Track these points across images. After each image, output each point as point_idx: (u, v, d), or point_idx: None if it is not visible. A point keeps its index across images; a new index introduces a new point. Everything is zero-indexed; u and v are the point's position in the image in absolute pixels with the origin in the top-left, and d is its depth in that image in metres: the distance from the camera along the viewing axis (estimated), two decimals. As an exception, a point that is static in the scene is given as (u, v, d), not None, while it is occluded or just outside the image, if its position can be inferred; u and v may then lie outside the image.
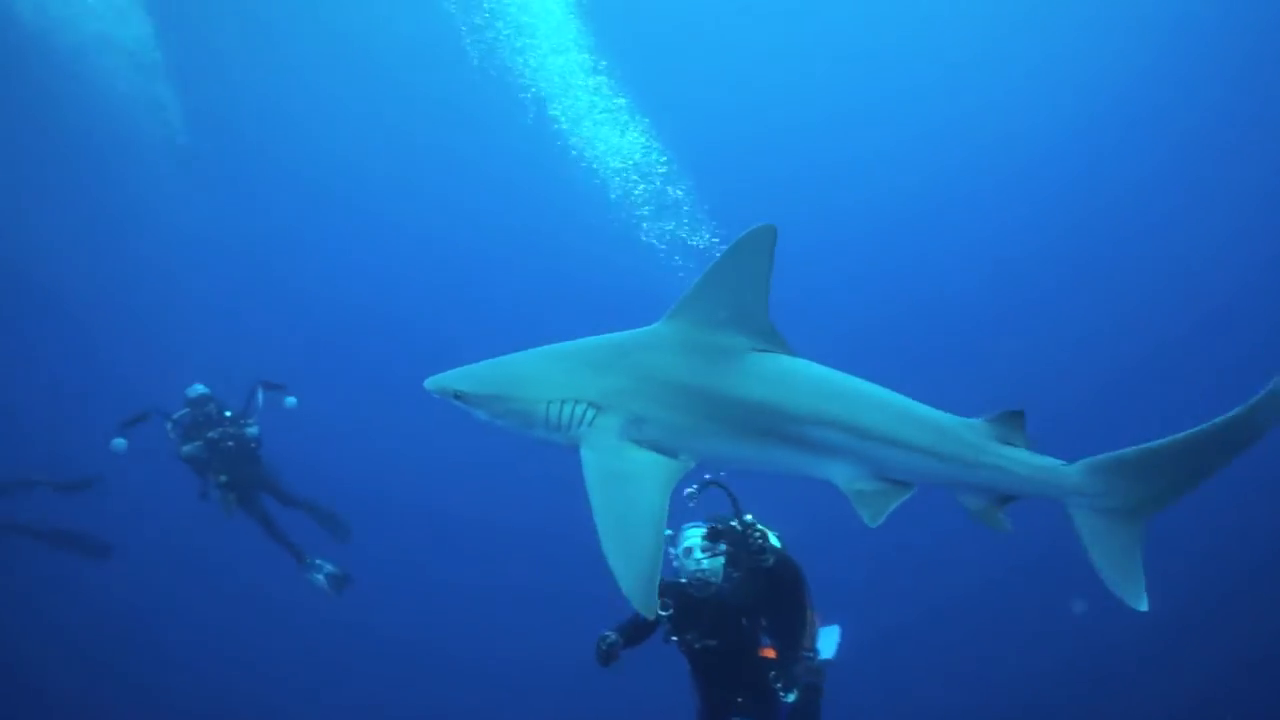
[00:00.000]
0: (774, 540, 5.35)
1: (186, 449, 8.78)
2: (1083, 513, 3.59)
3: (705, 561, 5.21)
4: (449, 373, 3.82)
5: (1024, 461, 3.61)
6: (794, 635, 5.34)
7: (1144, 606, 3.47)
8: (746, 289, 3.67)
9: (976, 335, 18.67)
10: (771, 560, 5.21)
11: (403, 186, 22.50)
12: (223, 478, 8.76)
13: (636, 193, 10.80)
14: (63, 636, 13.38)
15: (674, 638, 5.32)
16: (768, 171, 21.19)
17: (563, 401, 3.57)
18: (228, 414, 8.98)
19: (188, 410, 8.91)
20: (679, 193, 10.75)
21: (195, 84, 18.95)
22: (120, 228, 18.95)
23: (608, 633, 5.34)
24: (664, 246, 10.63)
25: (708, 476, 5.01)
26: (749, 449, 3.69)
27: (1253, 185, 19.31)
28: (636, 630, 5.39)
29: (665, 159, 10.94)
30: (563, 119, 11.64)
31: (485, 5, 12.28)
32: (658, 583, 3.31)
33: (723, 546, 5.22)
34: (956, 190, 21.54)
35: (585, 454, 3.49)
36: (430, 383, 3.81)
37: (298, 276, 21.12)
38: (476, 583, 15.01)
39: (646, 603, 3.24)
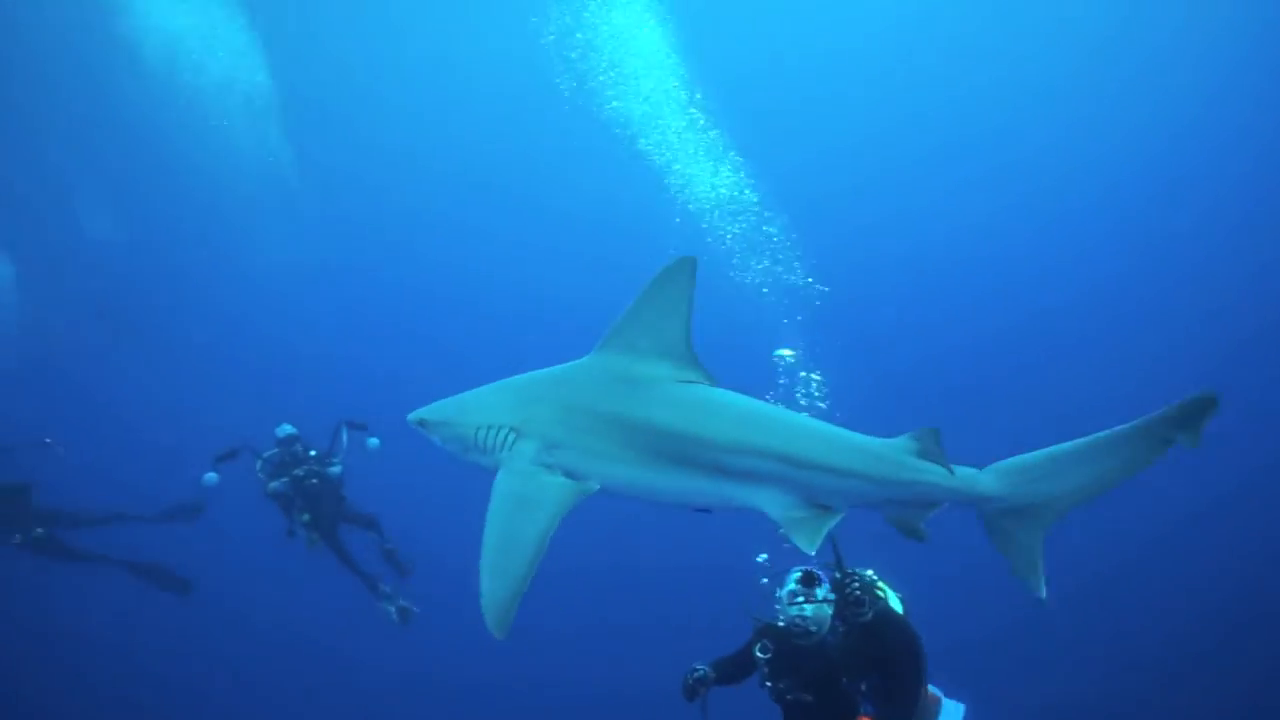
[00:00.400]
0: (893, 599, 4.87)
1: (273, 485, 8.91)
2: (993, 514, 3.81)
3: (807, 608, 4.86)
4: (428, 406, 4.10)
5: (945, 474, 3.76)
6: (898, 709, 4.78)
7: (1044, 594, 3.71)
8: (668, 320, 3.80)
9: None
10: (869, 615, 4.70)
11: (497, 224, 22.78)
12: (306, 516, 8.81)
13: (730, 232, 10.50)
14: (139, 664, 13.65)
15: (768, 684, 4.96)
16: (860, 209, 20.85)
17: (489, 427, 3.77)
18: (313, 453, 9.09)
19: (276, 449, 9.07)
20: (772, 230, 10.41)
21: (304, 127, 19.65)
22: (230, 264, 19.64)
23: (700, 666, 5.11)
24: (760, 286, 10.31)
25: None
26: (663, 477, 3.69)
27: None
28: (733, 668, 5.14)
29: (757, 196, 10.63)
30: (654, 152, 11.44)
31: (579, 37, 12.25)
32: (517, 606, 3.31)
33: (820, 594, 4.87)
34: (1057, 231, 20.67)
35: (498, 475, 3.68)
36: (410, 415, 4.12)
37: (392, 316, 21.44)
38: (545, 623, 14.71)
39: (499, 623, 3.29)
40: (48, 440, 10.44)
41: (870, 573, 4.92)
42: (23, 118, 19.72)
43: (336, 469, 9.03)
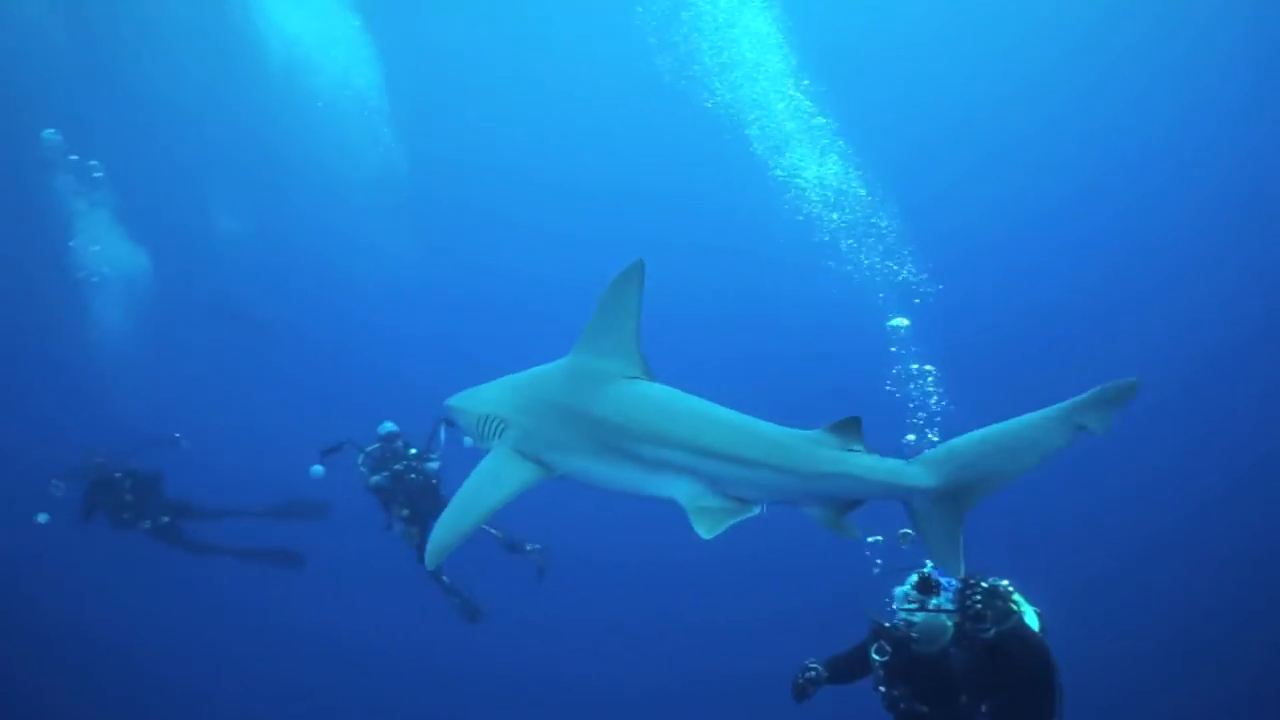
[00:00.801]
0: (1029, 615, 4.48)
1: (374, 479, 9.08)
2: (920, 504, 3.67)
3: (917, 616, 4.46)
4: None
5: (870, 466, 3.66)
6: (1019, 736, 4.40)
7: (962, 573, 3.79)
8: (621, 321, 4.08)
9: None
10: (991, 633, 4.34)
11: (603, 218, 22.73)
12: (405, 511, 8.92)
13: (834, 219, 10.07)
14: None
15: (882, 688, 4.71)
16: (969, 200, 20.01)
17: (488, 417, 4.28)
18: (413, 451, 9.22)
19: (378, 445, 9.23)
20: (883, 222, 9.93)
21: (416, 128, 20.04)
22: (344, 263, 20.19)
23: (813, 663, 4.97)
24: (869, 277, 9.89)
25: None
26: (602, 466, 3.98)
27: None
28: (846, 667, 4.97)
29: (866, 187, 10.16)
30: (758, 141, 11.06)
31: (684, 16, 11.96)
32: (450, 549, 3.84)
33: (935, 603, 4.44)
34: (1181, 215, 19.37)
35: (488, 455, 4.19)
36: (447, 400, 4.67)
37: (499, 314, 21.61)
38: (634, 619, 14.51)
39: (434, 559, 3.86)
40: (177, 435, 10.98)
41: (1005, 583, 4.58)
42: (158, 115, 20.69)
43: (435, 464, 9.16)
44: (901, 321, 8.11)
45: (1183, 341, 16.97)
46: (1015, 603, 4.51)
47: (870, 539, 5.26)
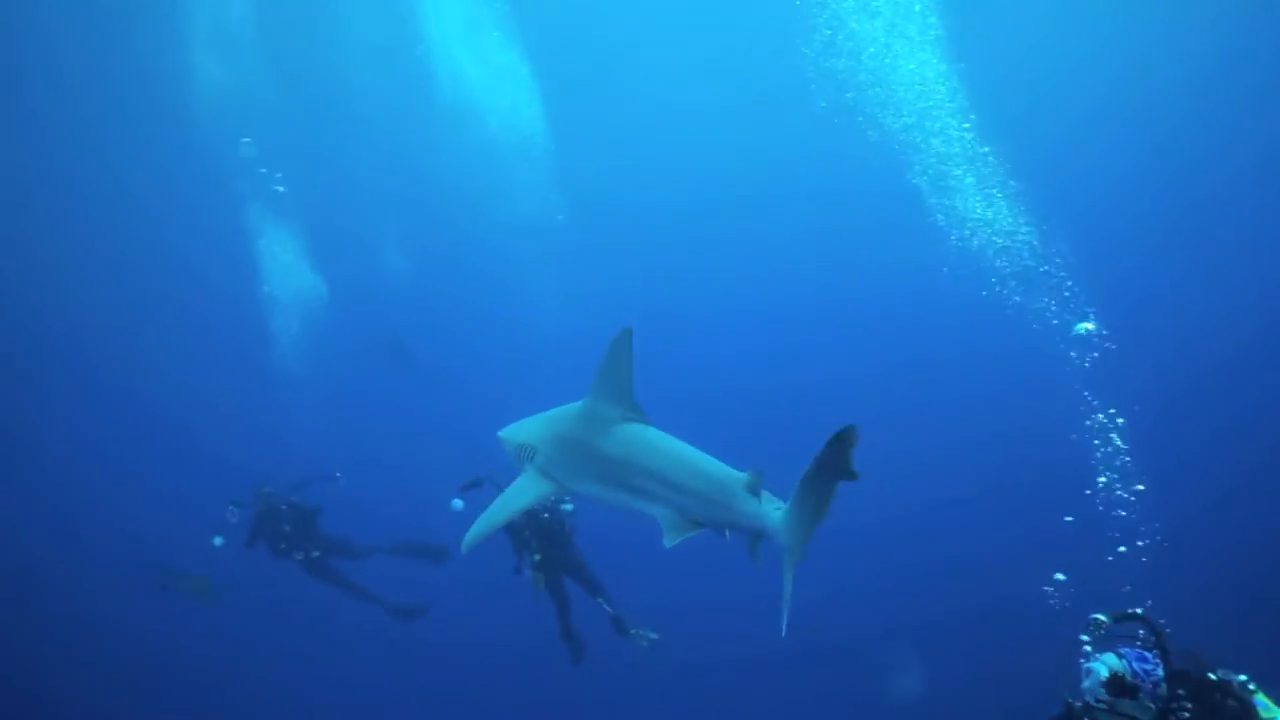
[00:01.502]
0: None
1: None
2: (774, 539, 4.48)
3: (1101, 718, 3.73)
4: None
5: (746, 510, 4.59)
6: None
7: (784, 631, 4.25)
8: (618, 376, 5.11)
9: None
10: None
11: (754, 249, 22.38)
12: (537, 557, 8.70)
13: (1002, 269, 9.35)
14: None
15: None
16: (1143, 242, 18.67)
17: (524, 444, 5.49)
18: None
19: None
20: (1051, 268, 9.14)
21: (574, 169, 20.39)
22: (501, 302, 20.64)
23: None
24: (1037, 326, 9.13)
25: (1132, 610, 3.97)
26: (602, 489, 5.15)
27: None
28: None
29: (1031, 230, 9.39)
30: (919, 176, 10.47)
31: (841, 39, 11.55)
32: (483, 539, 5.09)
33: (1128, 708, 3.70)
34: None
35: (520, 475, 5.42)
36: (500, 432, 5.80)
37: (651, 363, 21.40)
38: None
39: (468, 545, 5.09)
40: (338, 475, 11.26)
41: (1242, 679, 3.73)
42: (340, 141, 21.82)
43: (569, 505, 8.91)
44: (1087, 326, 7.68)
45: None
46: (1255, 705, 3.63)
47: (1057, 576, 5.84)
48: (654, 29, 23.05)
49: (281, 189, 17.49)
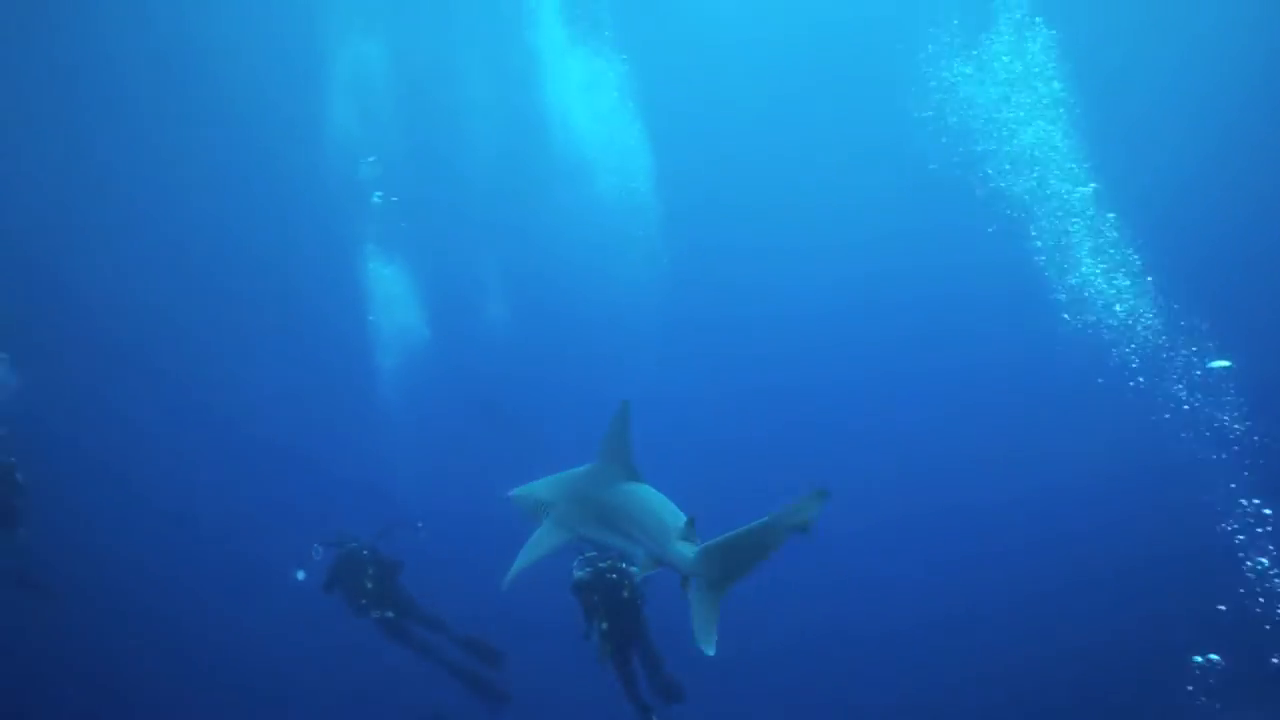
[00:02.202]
0: None
1: (578, 575, 8.42)
2: (695, 583, 5.22)
3: None
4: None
5: (671, 551, 5.48)
6: None
7: (712, 652, 5.01)
8: (620, 443, 6.33)
9: None
10: None
11: (865, 326, 21.76)
12: (604, 625, 8.25)
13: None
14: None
15: None
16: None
17: (540, 501, 6.65)
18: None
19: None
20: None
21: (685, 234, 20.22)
22: (605, 321, 20.55)
23: None
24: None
25: None
26: (604, 534, 6.33)
27: None
28: None
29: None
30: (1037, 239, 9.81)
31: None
32: (518, 581, 6.10)
33: None
34: None
35: (540, 527, 6.44)
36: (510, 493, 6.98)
37: (756, 435, 20.79)
38: None
39: (508, 585, 6.05)
40: (420, 524, 10.95)
41: None
42: (458, 188, 22.26)
43: (637, 570, 8.42)
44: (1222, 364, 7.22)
45: None
46: None
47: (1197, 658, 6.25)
48: (774, 91, 22.89)
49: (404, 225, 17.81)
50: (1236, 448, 8.37)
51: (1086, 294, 9.35)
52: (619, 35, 18.85)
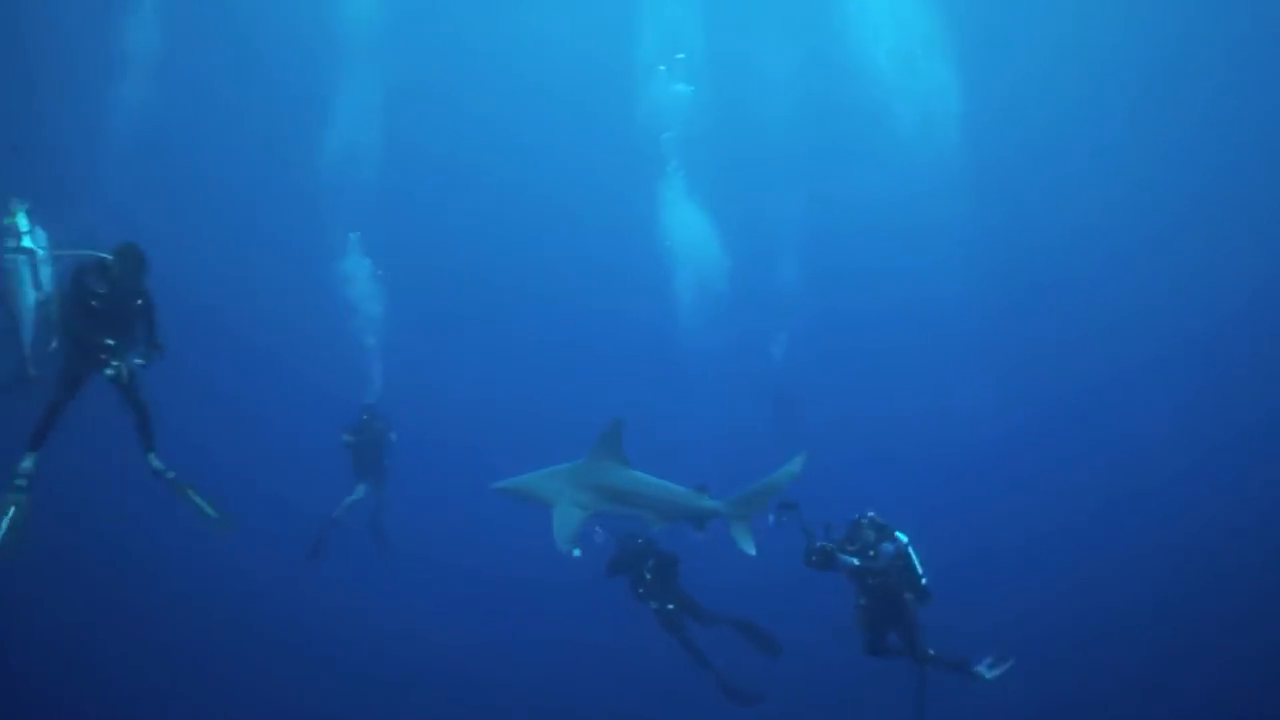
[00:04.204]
0: None
1: (849, 561, 8.24)
2: (729, 522, 9.20)
3: None
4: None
5: (707, 504, 9.22)
6: None
7: (753, 552, 9.04)
8: (613, 445, 9.32)
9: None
10: None
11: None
12: (862, 600, 8.08)
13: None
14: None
15: None
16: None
17: (551, 487, 9.17)
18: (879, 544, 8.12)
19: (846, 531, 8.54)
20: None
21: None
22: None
23: None
24: None
25: None
26: (616, 508, 9.19)
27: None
28: None
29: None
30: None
31: None
32: (568, 539, 8.67)
33: None
34: None
35: (556, 507, 8.97)
36: (495, 485, 9.59)
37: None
38: None
39: (560, 543, 8.60)
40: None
41: None
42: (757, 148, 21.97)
43: (890, 546, 8.05)
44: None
45: None
46: None
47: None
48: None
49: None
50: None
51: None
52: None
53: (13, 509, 6.51)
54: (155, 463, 7.48)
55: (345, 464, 12.54)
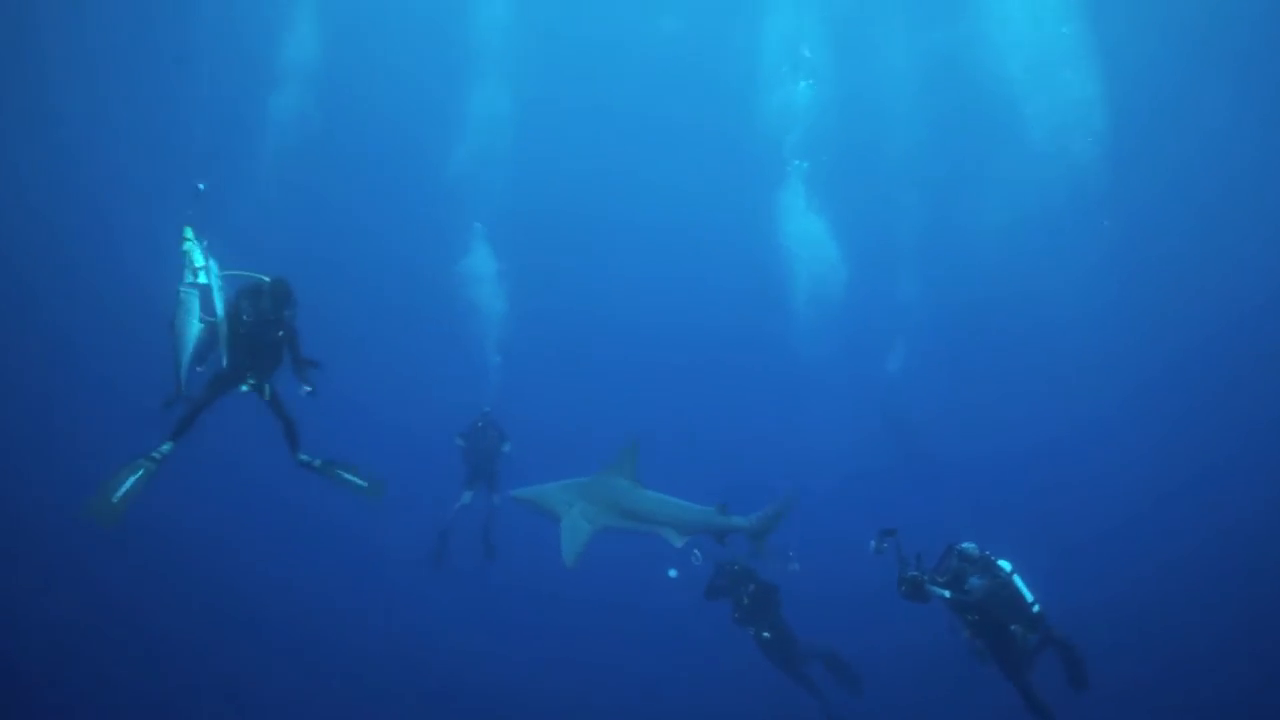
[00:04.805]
0: None
1: (948, 594, 8.10)
2: (747, 538, 9.85)
3: None
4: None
5: (732, 521, 9.80)
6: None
7: (797, 567, 9.99)
8: (628, 463, 9.91)
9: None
10: None
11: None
12: (973, 617, 7.87)
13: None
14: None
15: None
16: None
17: (563, 500, 9.69)
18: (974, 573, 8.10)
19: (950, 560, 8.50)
20: None
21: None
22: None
23: None
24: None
25: None
26: (626, 524, 9.70)
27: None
28: None
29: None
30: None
31: None
32: (573, 563, 9.25)
33: None
34: None
35: (565, 519, 9.55)
36: (512, 493, 10.57)
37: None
38: None
39: (567, 554, 9.26)
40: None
41: None
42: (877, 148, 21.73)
43: (977, 582, 7.83)
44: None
45: None
46: None
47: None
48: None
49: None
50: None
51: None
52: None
53: (142, 470, 7.03)
54: (302, 457, 7.94)
55: (456, 468, 12.40)
